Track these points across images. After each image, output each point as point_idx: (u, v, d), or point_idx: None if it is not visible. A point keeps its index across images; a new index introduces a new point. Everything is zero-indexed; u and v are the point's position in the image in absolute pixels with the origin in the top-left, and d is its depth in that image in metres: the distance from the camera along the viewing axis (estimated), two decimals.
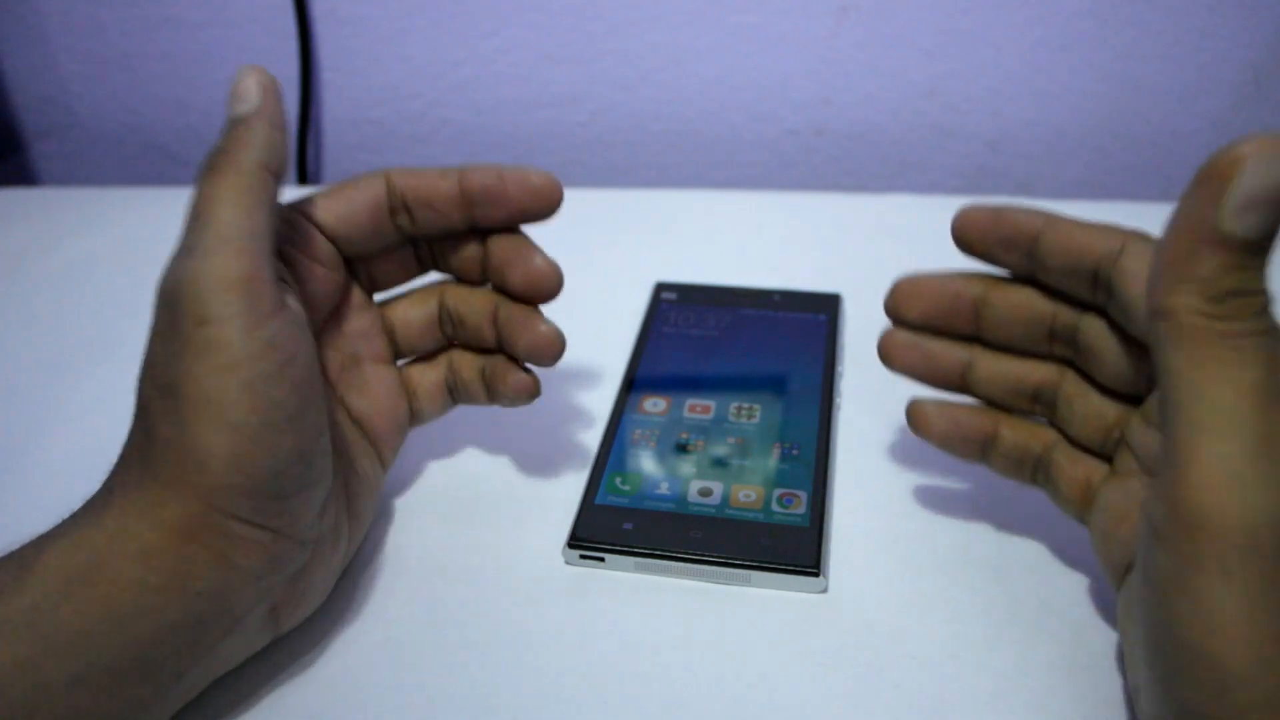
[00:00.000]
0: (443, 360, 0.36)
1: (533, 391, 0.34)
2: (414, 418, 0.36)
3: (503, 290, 0.34)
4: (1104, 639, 0.31)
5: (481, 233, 0.33)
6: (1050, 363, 0.31)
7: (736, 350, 0.43)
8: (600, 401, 0.40)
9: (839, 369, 0.42)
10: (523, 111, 0.62)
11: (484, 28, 0.60)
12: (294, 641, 0.31)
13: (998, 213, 0.30)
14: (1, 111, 0.66)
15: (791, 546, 0.33)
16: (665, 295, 0.46)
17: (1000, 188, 0.62)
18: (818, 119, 0.61)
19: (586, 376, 0.42)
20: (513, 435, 0.40)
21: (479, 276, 0.34)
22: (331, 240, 0.32)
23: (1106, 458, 0.30)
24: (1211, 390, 0.20)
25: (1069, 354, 0.30)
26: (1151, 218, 0.52)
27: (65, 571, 0.25)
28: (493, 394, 0.35)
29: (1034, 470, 0.32)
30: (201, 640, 0.26)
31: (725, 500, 0.35)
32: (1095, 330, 0.29)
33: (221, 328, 0.25)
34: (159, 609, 0.25)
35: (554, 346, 0.33)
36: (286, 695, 0.30)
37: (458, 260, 0.34)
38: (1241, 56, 0.56)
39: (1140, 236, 0.27)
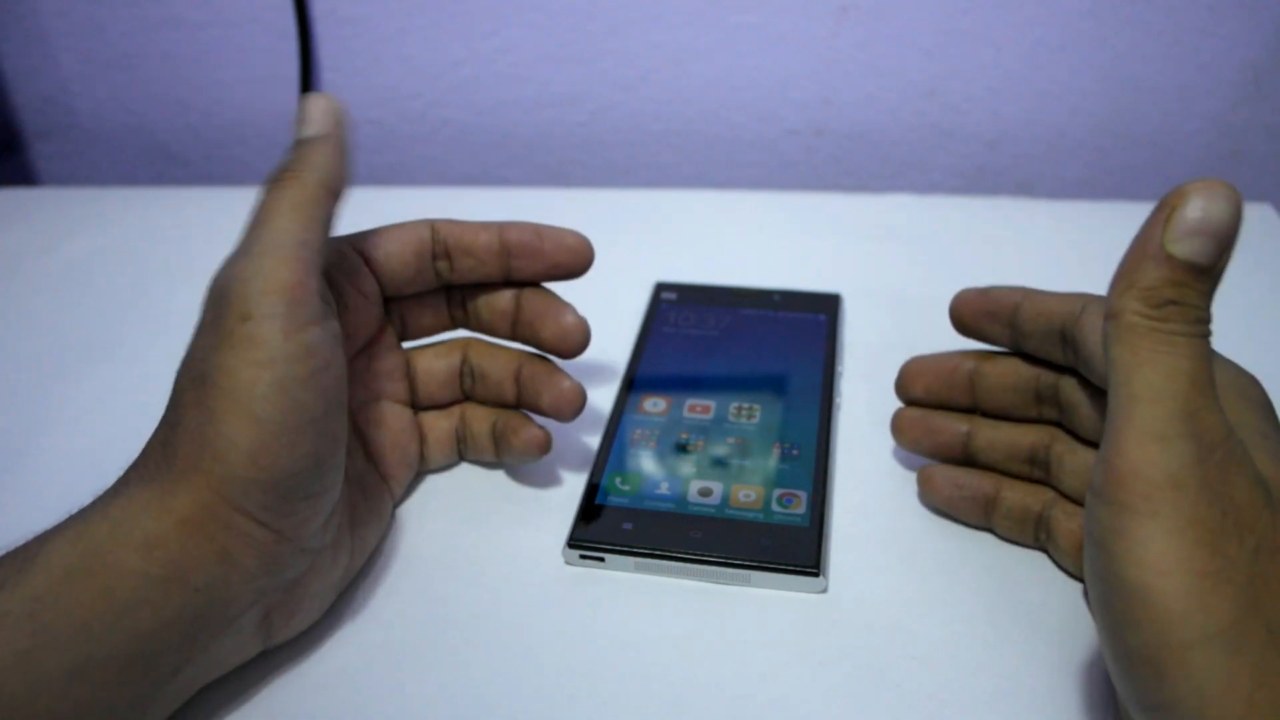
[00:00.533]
0: (456, 411, 0.37)
1: (545, 447, 0.35)
2: (423, 462, 0.37)
3: (531, 342, 0.35)
4: None
5: (514, 286, 0.35)
6: (1041, 425, 0.34)
7: (736, 350, 0.43)
8: (600, 401, 0.40)
9: (839, 369, 0.42)
10: (523, 111, 0.62)
11: (484, 28, 0.60)
12: (295, 640, 0.31)
13: (984, 291, 0.34)
14: (1, 111, 0.66)
15: (791, 546, 0.33)
16: (665, 295, 0.46)
17: (1000, 188, 0.62)
18: (818, 119, 0.61)
19: (587, 376, 0.42)
20: None
21: (507, 330, 0.36)
22: (375, 275, 0.34)
23: None
24: (1144, 370, 0.23)
25: (1055, 415, 0.33)
26: None
27: (67, 562, 0.25)
28: (501, 449, 0.36)
29: (1035, 530, 0.33)
30: (198, 637, 0.26)
31: (725, 500, 0.35)
32: (1071, 388, 0.32)
33: (262, 325, 0.26)
34: (158, 601, 0.25)
35: (576, 402, 0.35)
36: (286, 695, 0.30)
37: (488, 311, 0.36)
38: (1241, 56, 0.56)
39: (1098, 297, 0.29)
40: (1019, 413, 0.34)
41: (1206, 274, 0.23)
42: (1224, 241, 0.23)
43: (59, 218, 0.56)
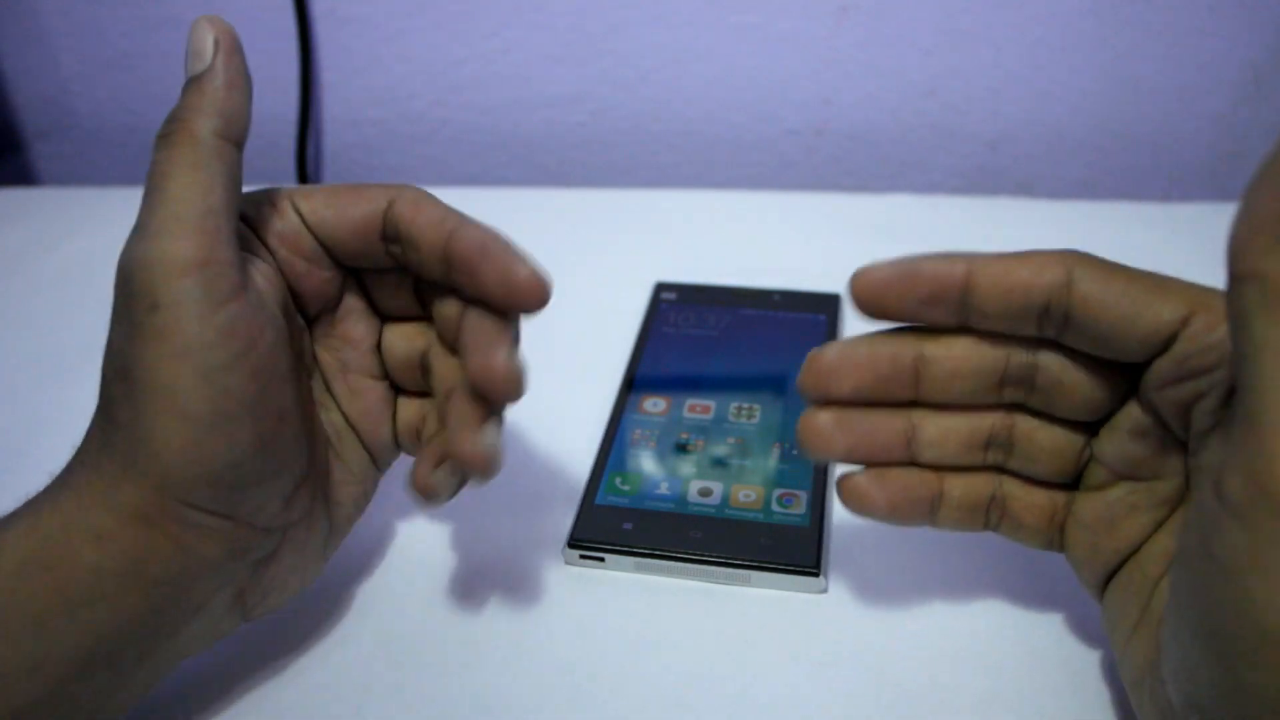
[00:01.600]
0: (430, 405, 0.32)
1: (431, 496, 0.29)
2: (399, 446, 0.33)
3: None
4: (1104, 639, 0.31)
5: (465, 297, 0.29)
6: (997, 410, 0.28)
7: (736, 350, 0.43)
8: (600, 401, 0.40)
9: None
10: (523, 111, 0.62)
11: (484, 28, 0.60)
12: (294, 641, 0.31)
13: (909, 270, 0.27)
14: (1, 111, 0.66)
15: (791, 546, 0.33)
16: (665, 295, 0.46)
17: (1000, 188, 0.62)
18: (818, 119, 0.61)
19: (586, 376, 0.42)
20: (513, 435, 0.40)
21: (454, 342, 0.30)
22: (316, 238, 0.30)
23: (1063, 485, 0.29)
24: None
25: (1019, 397, 0.28)
26: (1151, 218, 0.52)
27: (21, 554, 0.24)
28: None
29: (987, 514, 0.29)
30: (161, 628, 0.26)
31: (725, 500, 0.35)
32: (1055, 364, 0.27)
33: (174, 314, 0.24)
34: (116, 595, 0.25)
35: (483, 467, 0.27)
36: (286, 695, 0.30)
37: (439, 316, 0.30)
38: (1241, 56, 0.56)
39: (1080, 257, 0.25)
40: (975, 400, 0.28)
41: None
42: None
43: (59, 218, 0.56)
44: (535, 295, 0.27)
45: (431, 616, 0.32)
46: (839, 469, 0.36)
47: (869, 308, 0.27)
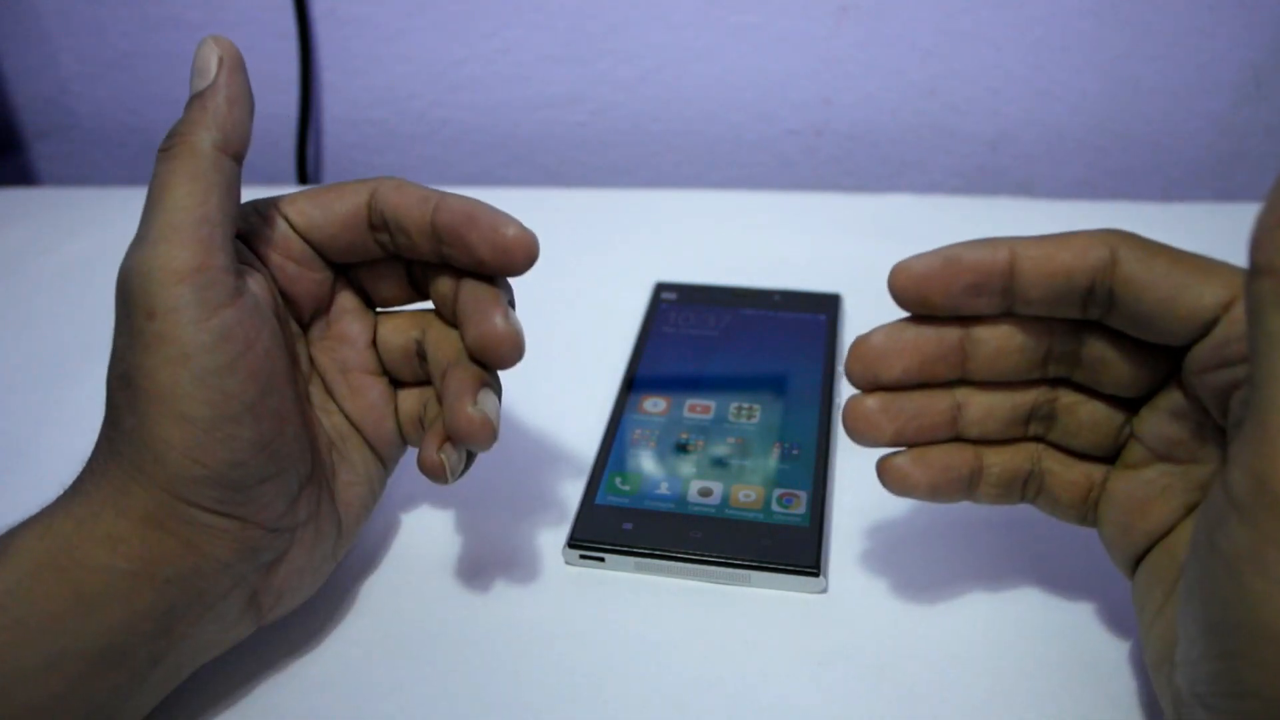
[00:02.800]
0: (426, 394, 0.33)
1: (438, 475, 0.28)
2: (404, 440, 0.33)
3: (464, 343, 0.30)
4: (1105, 639, 0.31)
5: (458, 271, 0.30)
6: (1041, 384, 0.29)
7: (736, 350, 0.43)
8: (600, 401, 0.40)
9: (839, 369, 0.42)
10: (523, 111, 0.62)
11: (484, 28, 0.60)
12: (294, 640, 0.31)
13: (951, 259, 0.27)
14: (1, 111, 0.66)
15: (791, 546, 0.33)
16: (665, 295, 0.46)
17: (1000, 188, 0.62)
18: (818, 119, 0.61)
19: (586, 376, 0.42)
20: (513, 435, 0.40)
21: (452, 317, 0.30)
22: (306, 241, 0.31)
23: (1103, 460, 0.29)
24: None
25: (1064, 371, 0.28)
26: (1151, 218, 0.52)
27: (36, 557, 0.25)
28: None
29: (1024, 488, 0.30)
30: (174, 627, 0.26)
31: (725, 500, 0.35)
32: (1099, 345, 0.27)
33: (170, 320, 0.25)
34: (129, 594, 0.25)
35: (480, 434, 0.28)
36: (286, 694, 0.30)
37: (435, 293, 0.31)
38: (1241, 56, 0.56)
39: (1123, 236, 0.25)
40: (1021, 376, 0.28)
41: None
42: None
43: (59, 218, 0.56)
44: (525, 252, 0.28)
45: (431, 616, 0.32)
46: (841, 462, 0.36)
47: (911, 302, 0.27)
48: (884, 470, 0.29)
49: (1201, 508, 0.22)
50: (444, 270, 0.30)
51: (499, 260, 0.28)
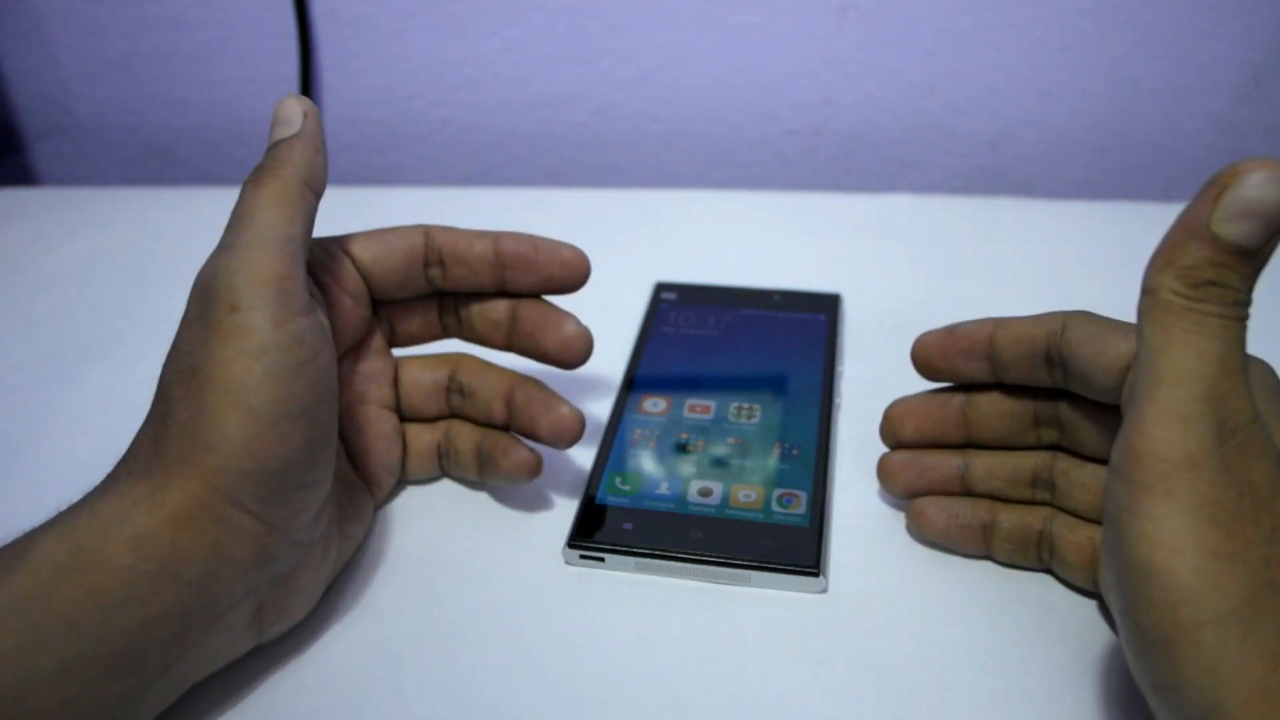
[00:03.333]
0: (441, 427, 0.37)
1: (535, 470, 0.34)
2: (403, 471, 0.37)
3: (528, 353, 0.35)
4: (1105, 639, 0.31)
5: (508, 296, 0.35)
6: (1040, 450, 0.33)
7: (736, 350, 0.43)
8: (600, 401, 0.40)
9: (839, 369, 0.42)
10: (523, 111, 0.62)
11: (484, 28, 0.60)
12: (294, 640, 0.31)
13: (950, 331, 0.33)
14: (1, 111, 0.66)
15: (791, 546, 0.33)
16: (665, 295, 0.46)
17: (1000, 188, 0.62)
18: (818, 119, 0.61)
19: (586, 376, 0.42)
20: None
21: (500, 340, 0.35)
22: (364, 278, 0.34)
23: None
24: (1173, 350, 0.23)
25: (1055, 438, 0.32)
26: (1151, 218, 0.52)
27: (56, 560, 0.25)
28: (487, 469, 0.35)
29: (1038, 549, 0.33)
30: (187, 633, 0.26)
31: (725, 500, 0.35)
32: (1070, 411, 0.31)
33: (252, 316, 0.27)
34: (147, 597, 0.25)
35: (576, 429, 0.34)
36: (286, 695, 0.30)
37: (481, 321, 0.35)
38: (1241, 56, 0.56)
39: (1078, 313, 0.30)
40: (1016, 440, 0.33)
41: (1251, 257, 0.23)
42: (1273, 225, 0.22)
43: (59, 218, 0.56)
44: (584, 268, 0.34)
45: (431, 616, 0.32)
46: (841, 462, 0.36)
47: (921, 365, 0.34)
48: (909, 514, 0.34)
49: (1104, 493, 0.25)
50: (493, 298, 0.35)
51: (564, 276, 0.34)
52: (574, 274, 0.34)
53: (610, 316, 0.45)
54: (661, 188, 0.59)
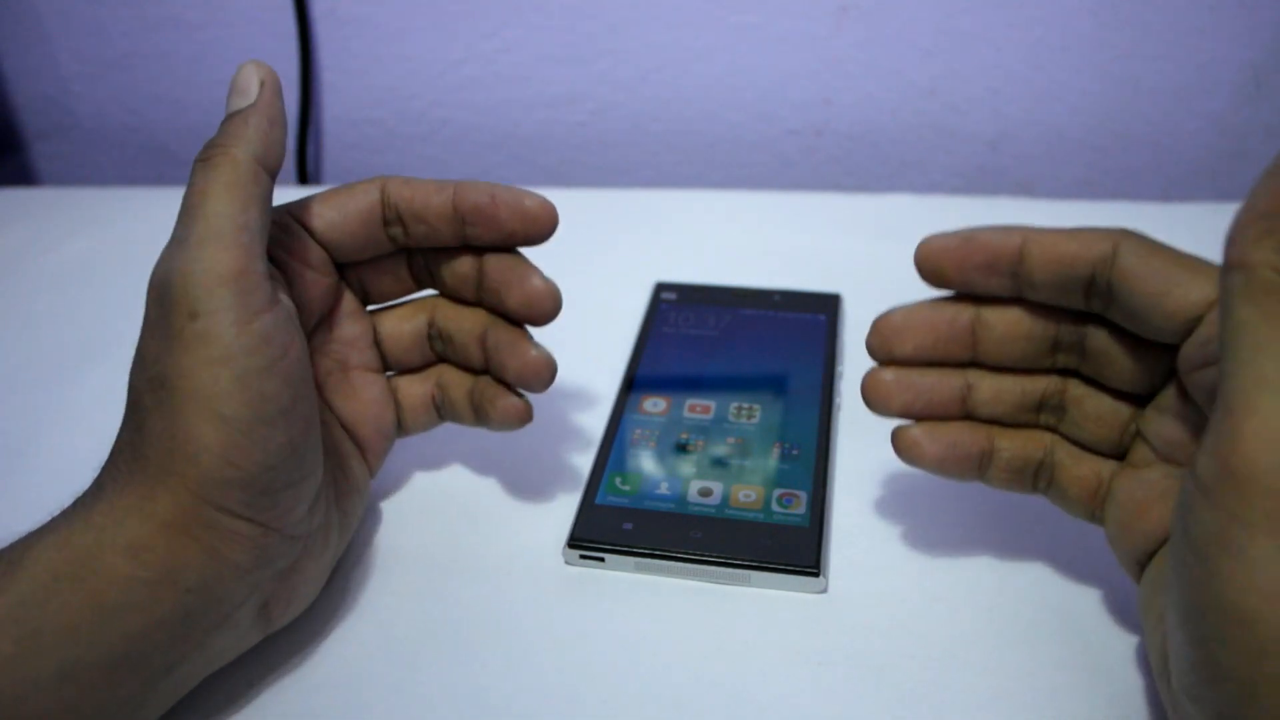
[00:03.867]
0: (432, 375, 0.35)
1: (523, 417, 0.33)
2: (400, 429, 0.35)
3: (497, 311, 0.33)
4: (1105, 639, 0.31)
5: (477, 250, 0.32)
6: (1052, 374, 0.30)
7: (736, 350, 0.43)
8: (600, 401, 0.40)
9: (839, 369, 0.42)
10: (523, 111, 0.62)
11: (484, 28, 0.60)
12: (294, 640, 0.31)
13: (968, 238, 0.29)
14: (1, 111, 0.66)
15: (791, 546, 0.33)
16: (665, 295, 0.46)
17: (1000, 188, 0.62)
18: (818, 119, 0.61)
19: (586, 376, 0.42)
20: (513, 435, 0.39)
21: (472, 295, 0.33)
22: (323, 245, 0.32)
23: (1113, 456, 0.29)
24: (1278, 345, 0.19)
25: (1073, 363, 0.29)
26: (1151, 218, 0.52)
27: (53, 568, 0.25)
28: (480, 416, 0.34)
29: (1035, 477, 0.31)
30: (190, 635, 0.26)
31: (725, 500, 0.35)
32: (1101, 338, 0.28)
33: (213, 321, 0.25)
34: (148, 604, 0.25)
35: (544, 372, 0.32)
36: (286, 695, 0.30)
37: (450, 276, 0.33)
38: (1241, 56, 0.56)
39: (1130, 234, 0.26)
40: (1029, 363, 0.29)
41: None
42: None
43: (59, 218, 0.56)
44: (549, 218, 0.31)
45: (431, 616, 0.32)
46: (841, 462, 0.36)
47: (928, 274, 0.29)
48: (897, 439, 0.31)
49: (1177, 498, 0.23)
50: (460, 253, 0.33)
51: (527, 229, 0.31)
52: (538, 227, 0.31)
53: (610, 316, 0.45)
54: (661, 188, 0.59)
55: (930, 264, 0.29)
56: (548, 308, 0.31)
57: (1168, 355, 0.27)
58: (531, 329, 0.33)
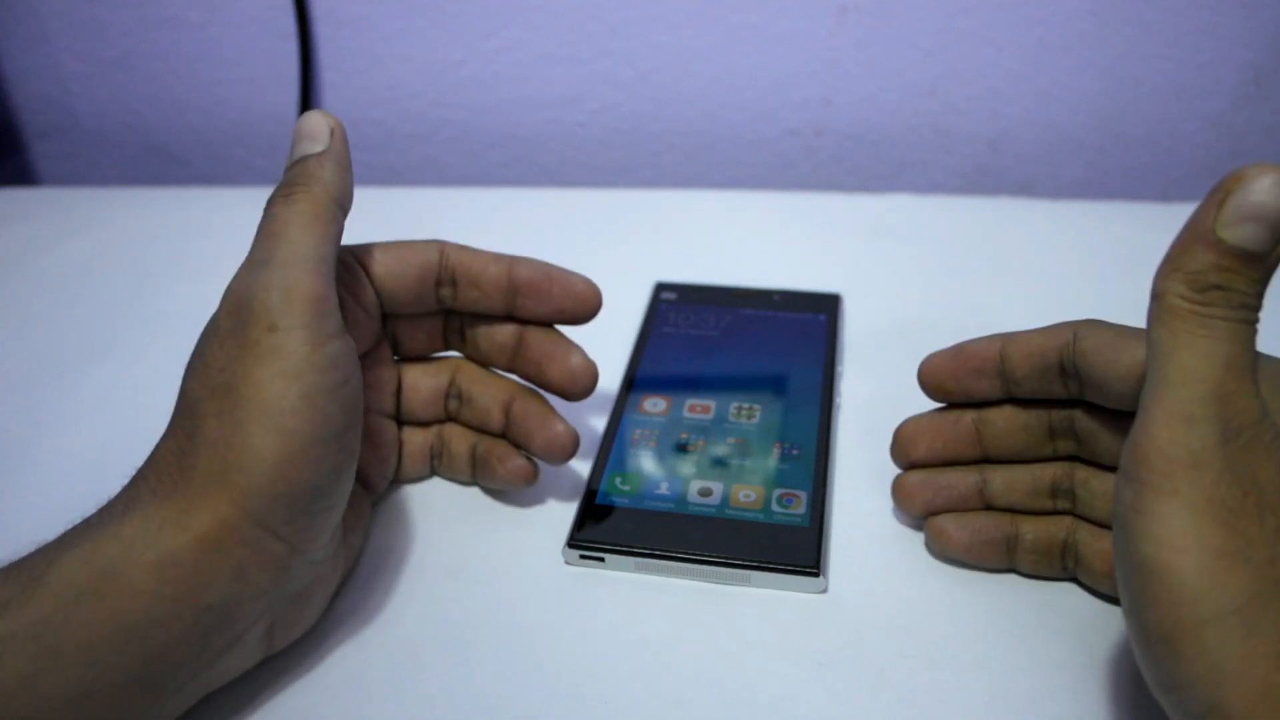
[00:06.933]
0: (434, 429, 0.37)
1: (530, 479, 0.35)
2: (396, 474, 0.37)
3: (533, 380, 0.35)
4: (1105, 639, 0.31)
5: (517, 321, 0.35)
6: (1058, 461, 0.33)
7: (736, 350, 0.43)
8: (600, 401, 0.40)
9: (839, 369, 0.42)
10: (522, 111, 0.62)
11: (484, 28, 0.60)
12: (295, 641, 0.31)
13: (958, 350, 0.33)
14: (1, 111, 0.66)
15: (791, 546, 0.33)
16: (665, 295, 0.46)
17: (1000, 188, 0.62)
18: (818, 119, 0.61)
19: None
20: None
21: (505, 363, 0.35)
22: (377, 291, 0.33)
23: None
24: (1180, 352, 0.23)
25: (1072, 448, 0.32)
26: (1151, 218, 0.52)
27: (76, 584, 0.24)
28: (482, 473, 0.36)
29: (1062, 557, 0.32)
30: (204, 654, 0.26)
31: (725, 500, 0.35)
32: (1086, 420, 0.31)
33: (290, 336, 0.26)
34: (168, 622, 0.25)
35: (569, 447, 0.34)
36: (287, 695, 0.30)
37: (487, 343, 0.35)
38: (1241, 56, 0.56)
39: (1088, 321, 0.30)
40: (1032, 453, 0.33)
41: (1257, 261, 0.23)
42: (1279, 229, 0.23)
43: (59, 218, 0.56)
44: (595, 302, 0.34)
45: (432, 616, 0.32)
46: (841, 462, 0.36)
47: (931, 389, 0.33)
48: (929, 531, 0.34)
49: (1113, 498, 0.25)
50: (501, 322, 0.35)
51: (575, 308, 0.34)
52: (585, 307, 0.34)
53: (610, 316, 0.45)
54: (661, 188, 0.59)
55: (931, 380, 0.33)
56: (585, 385, 0.34)
57: None
58: None
